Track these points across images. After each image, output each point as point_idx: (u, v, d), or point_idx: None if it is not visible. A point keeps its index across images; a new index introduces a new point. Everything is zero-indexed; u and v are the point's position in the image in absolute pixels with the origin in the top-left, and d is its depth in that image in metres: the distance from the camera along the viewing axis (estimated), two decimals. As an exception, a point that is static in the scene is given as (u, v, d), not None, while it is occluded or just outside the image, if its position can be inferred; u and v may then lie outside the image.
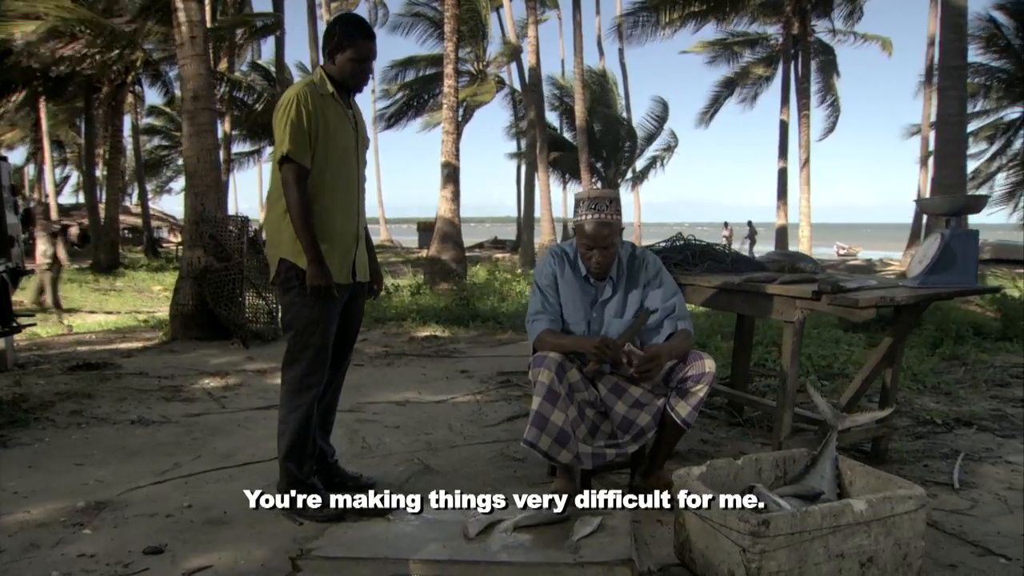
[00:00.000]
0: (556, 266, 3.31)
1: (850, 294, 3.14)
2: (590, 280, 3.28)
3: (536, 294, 3.30)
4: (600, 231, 3.12)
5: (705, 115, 30.59)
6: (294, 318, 3.15)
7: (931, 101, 24.91)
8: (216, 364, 6.46)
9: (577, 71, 23.63)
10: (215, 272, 7.11)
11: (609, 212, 3.13)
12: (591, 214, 3.13)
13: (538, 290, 3.30)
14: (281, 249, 3.12)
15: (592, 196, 3.15)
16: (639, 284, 3.30)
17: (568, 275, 3.29)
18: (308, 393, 3.19)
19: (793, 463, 2.91)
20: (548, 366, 3.04)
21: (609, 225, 3.13)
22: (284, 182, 3.04)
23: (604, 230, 3.12)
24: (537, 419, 3.05)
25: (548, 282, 3.30)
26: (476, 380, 5.97)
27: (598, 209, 3.12)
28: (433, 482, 3.62)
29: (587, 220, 3.14)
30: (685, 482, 2.65)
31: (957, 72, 10.21)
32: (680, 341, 3.15)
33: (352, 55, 3.10)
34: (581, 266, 3.28)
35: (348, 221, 3.23)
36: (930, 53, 25.08)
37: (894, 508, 2.47)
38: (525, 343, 7.98)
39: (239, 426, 4.59)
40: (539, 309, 3.26)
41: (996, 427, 4.42)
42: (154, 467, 3.81)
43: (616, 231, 3.17)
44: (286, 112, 3.03)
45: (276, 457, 3.89)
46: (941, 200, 3.38)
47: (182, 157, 29.71)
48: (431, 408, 5.06)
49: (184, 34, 7.48)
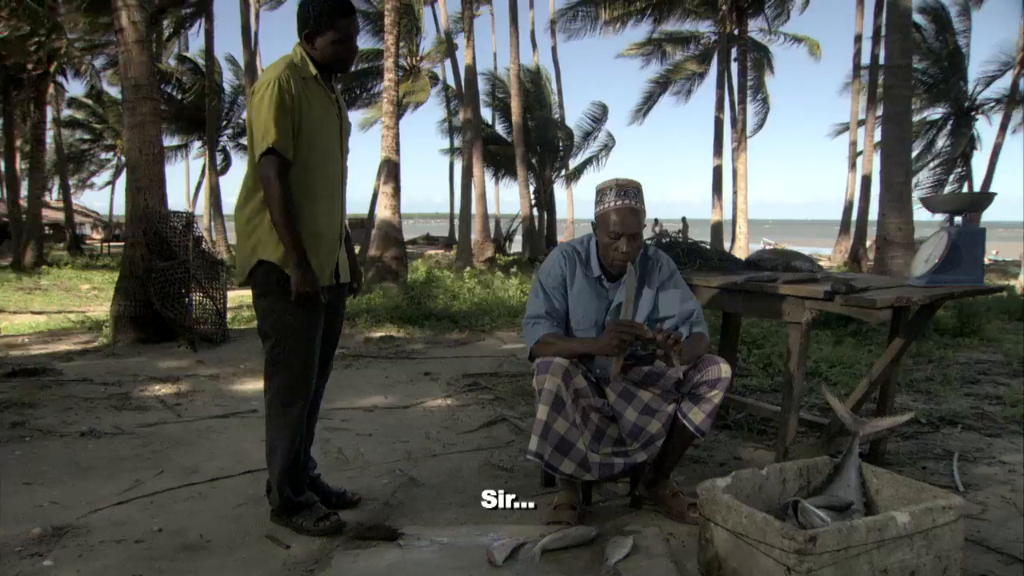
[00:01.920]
0: (566, 267, 3.09)
1: (863, 294, 3.03)
2: (603, 282, 3.08)
3: (538, 295, 3.08)
4: (629, 218, 2.94)
5: (639, 112, 30.76)
6: (274, 326, 2.87)
7: (858, 100, 25.59)
8: (165, 369, 6.09)
9: (513, 68, 23.49)
10: (161, 271, 6.71)
11: (637, 200, 2.98)
12: (619, 200, 2.96)
13: (542, 291, 3.08)
14: (259, 250, 2.84)
15: (620, 184, 2.99)
16: (653, 285, 3.12)
17: (579, 277, 3.09)
18: (295, 407, 2.94)
19: (816, 472, 2.79)
20: (554, 372, 2.85)
21: (637, 212, 2.97)
22: (264, 177, 2.76)
23: (633, 217, 2.95)
24: (541, 428, 2.87)
25: (555, 284, 3.08)
26: (442, 383, 5.75)
27: (627, 195, 2.96)
28: (420, 496, 3.40)
29: (615, 207, 2.96)
30: (713, 496, 2.49)
31: (903, 71, 10.34)
32: (696, 343, 2.99)
33: (333, 37, 2.82)
34: (594, 267, 3.08)
35: (332, 218, 2.98)
36: (857, 51, 25.68)
37: (935, 520, 2.36)
38: (484, 343, 7.86)
39: (200, 436, 4.29)
40: (540, 312, 3.05)
41: (980, 426, 4.40)
42: (114, 485, 3.49)
43: (642, 220, 3.01)
44: (266, 97, 2.73)
45: (248, 471, 3.68)
46: (946, 198, 3.31)
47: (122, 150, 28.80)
48: (401, 414, 4.82)
49: (124, 19, 7.05)
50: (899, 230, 10.14)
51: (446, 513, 3.19)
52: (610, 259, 3.01)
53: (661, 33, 28.15)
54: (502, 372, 6.06)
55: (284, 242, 2.77)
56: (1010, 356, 6.19)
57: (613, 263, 3.02)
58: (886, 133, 10.59)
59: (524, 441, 4.19)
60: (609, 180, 3.03)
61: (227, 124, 32.86)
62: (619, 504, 3.27)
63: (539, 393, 2.88)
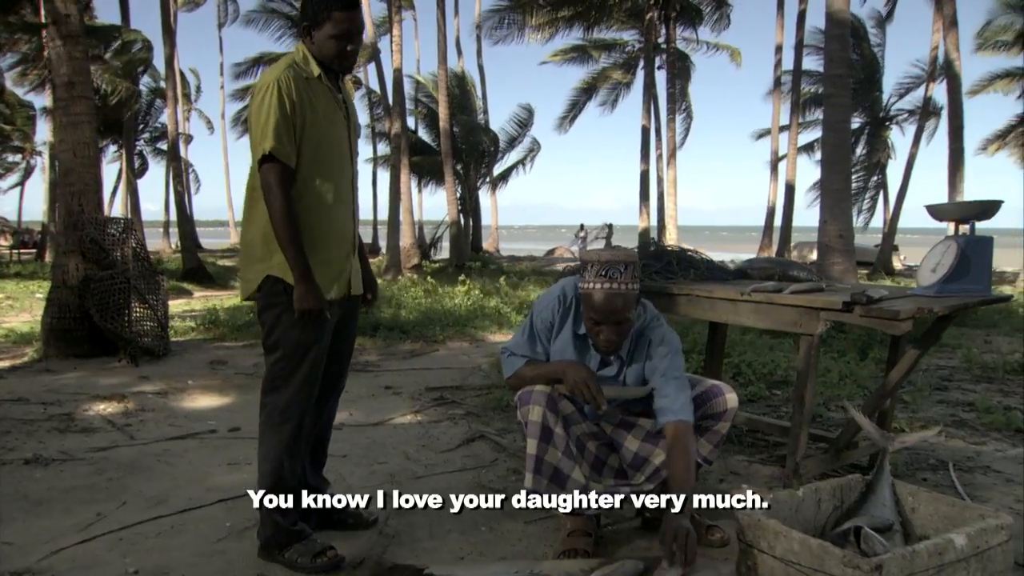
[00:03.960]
0: (557, 313, 2.82)
1: (883, 305, 2.94)
2: (588, 340, 2.81)
3: (524, 334, 2.86)
4: (612, 303, 2.59)
5: (565, 119, 30.89)
6: (281, 339, 2.67)
7: (780, 108, 26.18)
8: (107, 386, 5.68)
9: (441, 74, 23.26)
10: (99, 281, 6.29)
11: (624, 279, 2.60)
12: (601, 283, 2.60)
13: (529, 331, 2.85)
14: (268, 263, 2.64)
15: (605, 259, 2.62)
16: (640, 358, 2.82)
17: (567, 328, 2.82)
18: (290, 424, 2.72)
19: (850, 490, 2.68)
20: (537, 401, 2.66)
21: (623, 297, 2.60)
22: (265, 185, 2.55)
23: (617, 302, 2.59)
24: (533, 463, 2.68)
25: (544, 327, 2.83)
26: (406, 397, 5.51)
27: (610, 276, 2.59)
28: (416, 523, 3.17)
29: (596, 289, 2.60)
30: (757, 521, 2.35)
31: (841, 80, 10.52)
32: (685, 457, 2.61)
33: (331, 31, 2.60)
34: (579, 321, 2.80)
35: (344, 226, 2.78)
36: (778, 61, 26.27)
37: (988, 541, 2.27)
38: (439, 354, 7.62)
39: (159, 461, 3.97)
40: (523, 350, 2.84)
41: (963, 434, 4.39)
42: (72, 520, 3.16)
43: (632, 303, 2.64)
44: (265, 101, 2.54)
45: (222, 500, 3.40)
46: (953, 206, 3.27)
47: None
48: (372, 432, 4.57)
49: (57, 12, 6.60)
50: (839, 236, 10.30)
51: (448, 542, 2.97)
52: (594, 342, 2.76)
53: (587, 40, 28.32)
54: (467, 385, 5.86)
55: (286, 254, 2.57)
56: (969, 362, 6.27)
57: (598, 347, 2.76)
58: (826, 141, 10.77)
59: (509, 459, 4.02)
60: (596, 251, 2.70)
61: (144, 128, 31.82)
62: (629, 527, 3.10)
63: (525, 426, 2.69)
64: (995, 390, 5.43)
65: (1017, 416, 4.60)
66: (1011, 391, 5.40)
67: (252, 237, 2.71)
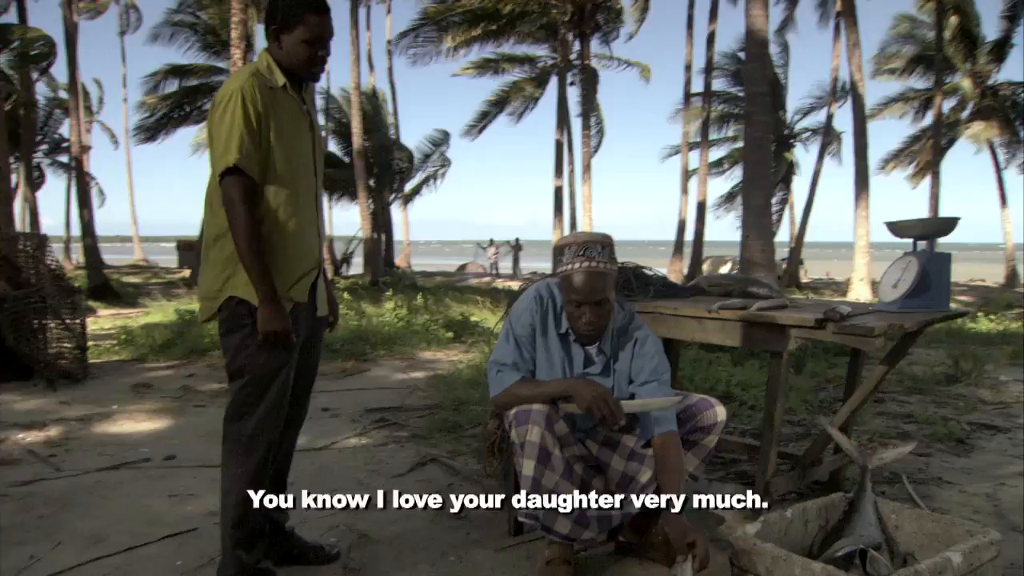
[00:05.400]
0: (536, 314, 2.76)
1: (855, 322, 2.95)
2: (571, 338, 2.77)
3: (508, 342, 2.77)
4: (592, 282, 2.59)
5: (472, 129, 30.82)
6: (247, 364, 2.51)
7: (690, 124, 26.73)
8: (25, 412, 5.31)
9: (354, 89, 22.99)
10: (12, 301, 5.89)
11: (602, 259, 2.62)
12: (579, 262, 2.60)
13: (512, 339, 2.76)
14: (231, 283, 2.49)
15: (581, 241, 2.65)
16: (628, 357, 2.80)
17: (551, 331, 2.77)
18: (257, 453, 2.57)
19: (834, 509, 2.67)
20: (536, 421, 2.57)
21: (603, 276, 2.61)
22: (227, 199, 2.41)
23: (597, 281, 2.59)
24: (530, 485, 2.58)
25: (525, 332, 2.76)
26: (346, 419, 5.33)
27: (588, 256, 2.60)
28: (381, 555, 3.04)
29: (575, 270, 2.61)
30: (753, 545, 2.30)
31: (762, 98, 10.78)
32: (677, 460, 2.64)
33: (303, 35, 2.48)
34: (562, 321, 2.76)
35: (309, 244, 2.64)
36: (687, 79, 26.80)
37: (981, 557, 2.27)
38: (372, 374, 7.42)
39: (92, 495, 3.70)
40: (509, 361, 2.74)
41: (895, 444, 4.46)
42: (4, 564, 2.91)
43: (611, 283, 2.65)
44: (227, 111, 2.40)
45: (170, 535, 3.19)
46: (914, 223, 3.31)
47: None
48: (317, 457, 4.39)
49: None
50: (761, 251, 10.53)
51: (416, 574, 2.85)
52: (574, 327, 2.71)
53: (499, 54, 28.43)
54: (408, 406, 5.70)
55: (250, 274, 2.43)
56: (899, 374, 6.44)
57: (579, 332, 2.71)
58: (747, 158, 11.01)
59: (464, 483, 3.89)
60: (571, 235, 2.73)
61: (43, 139, 30.43)
62: (603, 553, 3.03)
63: (521, 447, 2.58)
64: (928, 401, 5.58)
65: (957, 426, 4.72)
66: (943, 402, 5.56)
67: (212, 255, 2.55)
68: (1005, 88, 27.86)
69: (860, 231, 17.46)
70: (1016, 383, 6.25)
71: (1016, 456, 4.29)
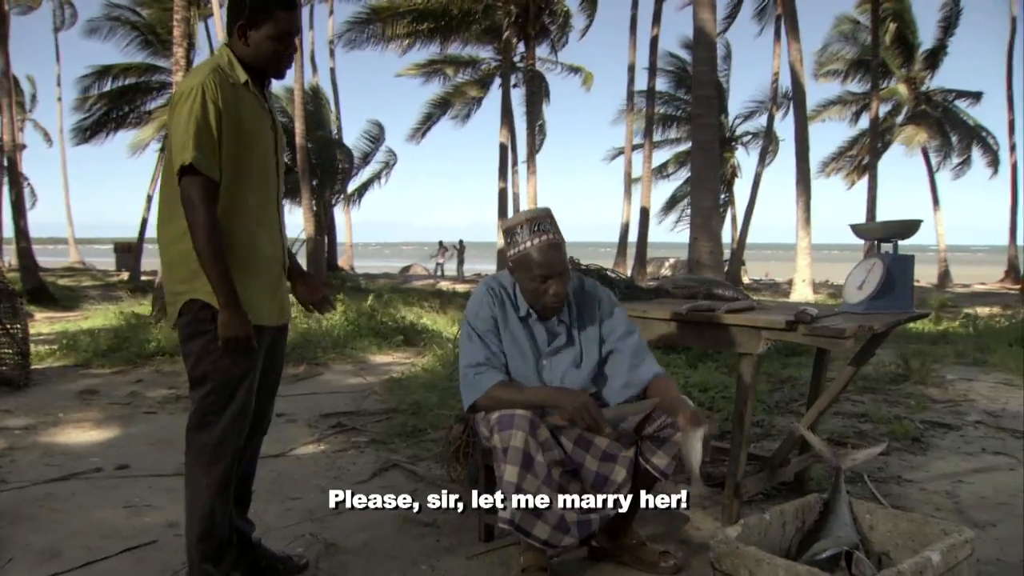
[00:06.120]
0: (495, 306, 2.78)
1: (825, 323, 2.97)
2: (531, 319, 2.80)
3: (473, 341, 2.75)
4: (553, 255, 2.65)
5: (416, 132, 30.71)
6: (210, 371, 2.42)
7: (632, 127, 26.94)
8: (-37, 422, 5.10)
9: (297, 92, 22.61)
10: (-51, 306, 5.65)
11: (554, 230, 2.69)
12: (535, 238, 2.65)
13: (476, 336, 2.75)
14: (191, 285, 2.39)
15: (529, 218, 2.70)
16: (594, 321, 2.86)
17: (512, 316, 2.79)
18: (222, 464, 2.48)
19: (809, 510, 2.67)
20: (520, 426, 2.55)
21: (560, 246, 2.68)
22: (186, 199, 2.32)
23: (556, 253, 2.66)
24: (514, 491, 2.55)
25: (487, 326, 2.76)
26: (302, 425, 5.21)
27: (541, 229, 2.66)
28: (351, 565, 2.98)
29: (533, 246, 2.65)
30: (735, 549, 2.29)
31: (709, 101, 10.91)
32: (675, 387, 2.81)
33: (271, 31, 2.41)
34: (521, 304, 2.79)
35: (273, 246, 2.57)
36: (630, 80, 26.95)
37: (958, 556, 2.30)
38: (324, 378, 7.29)
39: (43, 507, 3.55)
40: (481, 360, 2.72)
41: (865, 445, 4.53)
42: (-49, 583, 2.78)
43: (565, 253, 2.73)
44: (187, 108, 2.31)
45: (128, 549, 3.07)
46: (877, 226, 3.36)
47: None
48: (275, 464, 4.27)
49: None
50: (710, 253, 10.65)
51: (387, 583, 2.80)
52: (541, 304, 2.73)
53: (443, 55, 28.33)
54: (364, 410, 5.61)
55: (209, 277, 2.34)
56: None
57: (546, 307, 2.74)
58: (695, 160, 11.14)
59: (428, 488, 3.83)
60: (515, 216, 2.78)
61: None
62: (576, 558, 3.00)
63: (504, 451, 2.56)
64: (881, 400, 5.68)
65: (911, 425, 4.81)
66: (895, 400, 5.67)
67: (171, 257, 2.46)
68: (937, 95, 28.76)
69: (802, 233, 17.76)
70: (962, 381, 6.42)
71: (970, 453, 4.39)
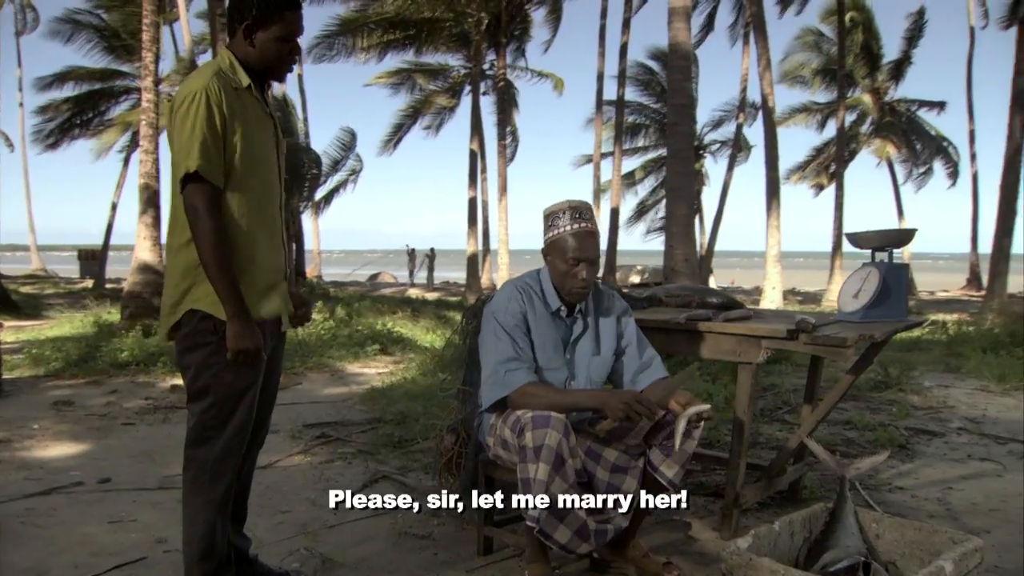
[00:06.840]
0: (524, 302, 2.82)
1: (826, 333, 2.98)
2: (562, 314, 2.86)
3: (502, 338, 2.76)
4: (588, 242, 2.77)
5: (388, 143, 30.51)
6: (212, 384, 2.35)
7: (601, 134, 27.04)
8: (-65, 435, 4.95)
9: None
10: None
11: (592, 222, 2.82)
12: (575, 223, 2.77)
13: (504, 333, 2.76)
14: (192, 295, 2.33)
15: (573, 205, 2.81)
16: (610, 314, 2.95)
17: (540, 311, 2.84)
18: (223, 481, 2.42)
19: (816, 520, 2.67)
20: (555, 427, 2.53)
21: (595, 235, 2.81)
22: (191, 208, 2.26)
23: (591, 241, 2.78)
24: (542, 490, 2.52)
25: (516, 322, 2.78)
26: (286, 436, 5.12)
27: (582, 218, 2.78)
28: (348, 580, 2.92)
29: (572, 231, 2.77)
30: (749, 560, 2.28)
31: (685, 109, 10.99)
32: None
33: (279, 32, 2.37)
34: (552, 300, 2.85)
35: (274, 254, 2.51)
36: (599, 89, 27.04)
37: (968, 564, 2.31)
38: (303, 387, 7.19)
39: (25, 524, 3.44)
40: (512, 355, 2.73)
41: (854, 452, 4.57)
42: (-66, 604, 2.68)
43: (599, 243, 2.84)
44: (191, 113, 2.24)
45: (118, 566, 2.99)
46: (873, 235, 3.37)
47: None
48: (263, 476, 4.18)
49: None
50: (685, 260, 10.71)
51: (386, 597, 2.75)
52: (568, 288, 2.80)
53: (413, 64, 28.22)
54: (347, 420, 5.54)
55: (216, 287, 2.27)
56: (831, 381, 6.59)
57: (572, 291, 2.80)
58: (671, 169, 11.20)
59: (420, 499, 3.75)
60: (559, 203, 2.84)
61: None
62: (579, 569, 2.97)
63: (536, 450, 2.52)
64: (863, 408, 5.73)
65: (896, 432, 4.85)
66: (877, 408, 5.72)
67: (173, 265, 2.39)
68: (901, 105, 29.26)
69: (771, 240, 17.88)
70: (940, 388, 6.50)
71: (956, 460, 4.44)
